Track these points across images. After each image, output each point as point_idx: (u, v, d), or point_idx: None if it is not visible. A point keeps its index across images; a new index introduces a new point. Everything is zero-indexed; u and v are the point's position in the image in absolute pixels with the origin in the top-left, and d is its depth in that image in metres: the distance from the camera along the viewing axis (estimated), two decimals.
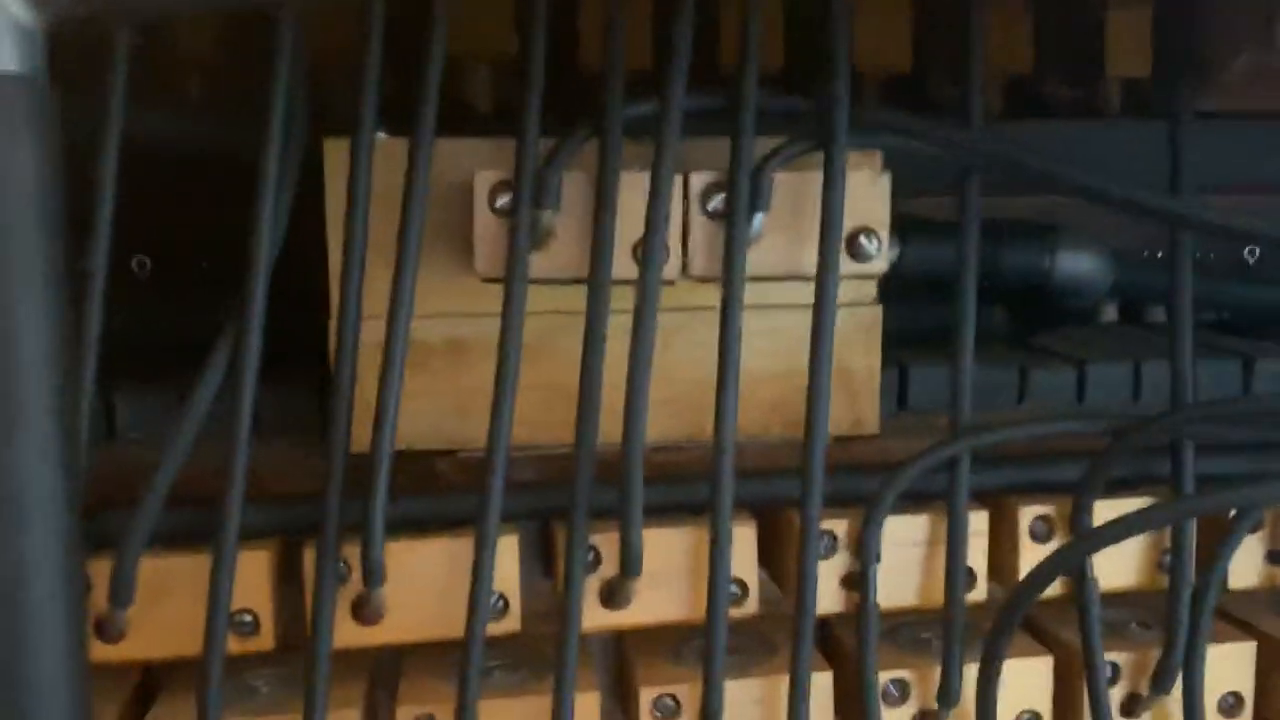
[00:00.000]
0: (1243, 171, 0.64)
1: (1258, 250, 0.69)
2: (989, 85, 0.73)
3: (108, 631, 0.41)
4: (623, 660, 0.47)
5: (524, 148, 0.41)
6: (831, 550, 0.45)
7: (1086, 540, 0.44)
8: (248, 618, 0.42)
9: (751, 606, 0.45)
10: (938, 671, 0.46)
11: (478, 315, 0.45)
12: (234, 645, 0.42)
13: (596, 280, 0.42)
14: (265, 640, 0.42)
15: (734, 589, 0.44)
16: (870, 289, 0.49)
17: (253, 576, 0.42)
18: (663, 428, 0.47)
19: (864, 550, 0.44)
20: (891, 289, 0.51)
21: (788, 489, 0.44)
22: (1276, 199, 0.64)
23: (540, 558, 0.47)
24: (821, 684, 0.45)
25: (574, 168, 0.42)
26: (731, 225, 0.42)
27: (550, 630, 0.43)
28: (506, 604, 0.43)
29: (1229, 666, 0.48)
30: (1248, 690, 0.49)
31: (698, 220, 0.43)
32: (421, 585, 0.43)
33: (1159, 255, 0.64)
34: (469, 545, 0.41)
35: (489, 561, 0.41)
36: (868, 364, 0.49)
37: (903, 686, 0.46)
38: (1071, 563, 0.44)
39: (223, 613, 0.40)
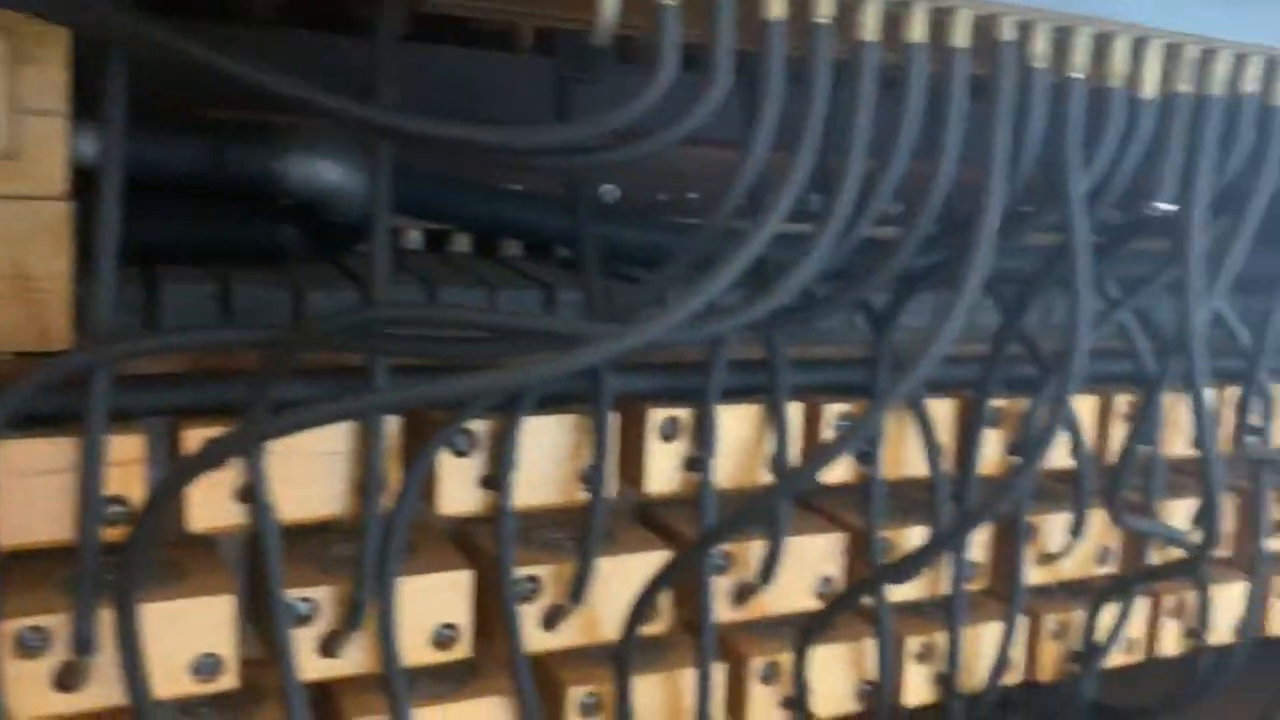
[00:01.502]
0: None
1: (617, 193, 0.68)
2: None
3: None
4: None
5: None
6: None
7: (239, 436, 0.41)
8: None
9: None
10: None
11: None
12: None
13: None
14: None
15: None
16: (53, 181, 0.42)
17: None
18: None
19: None
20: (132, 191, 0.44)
21: None
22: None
23: None
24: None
25: None
26: None
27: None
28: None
29: (439, 598, 0.47)
30: (464, 621, 0.47)
31: None
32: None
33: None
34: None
35: None
36: (54, 268, 0.42)
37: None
38: (216, 460, 0.41)
39: None
